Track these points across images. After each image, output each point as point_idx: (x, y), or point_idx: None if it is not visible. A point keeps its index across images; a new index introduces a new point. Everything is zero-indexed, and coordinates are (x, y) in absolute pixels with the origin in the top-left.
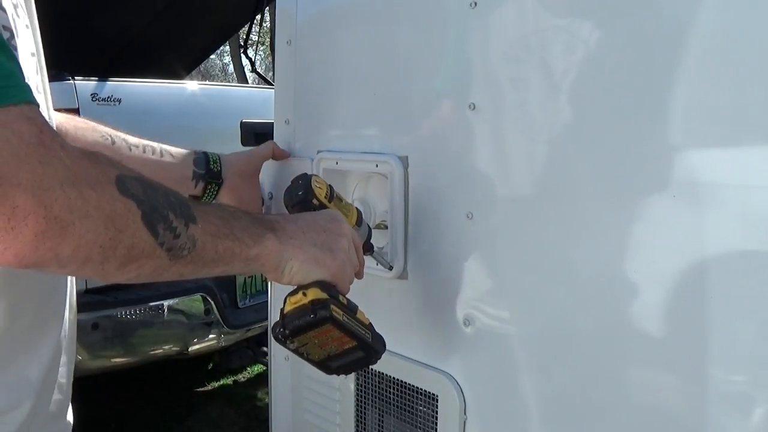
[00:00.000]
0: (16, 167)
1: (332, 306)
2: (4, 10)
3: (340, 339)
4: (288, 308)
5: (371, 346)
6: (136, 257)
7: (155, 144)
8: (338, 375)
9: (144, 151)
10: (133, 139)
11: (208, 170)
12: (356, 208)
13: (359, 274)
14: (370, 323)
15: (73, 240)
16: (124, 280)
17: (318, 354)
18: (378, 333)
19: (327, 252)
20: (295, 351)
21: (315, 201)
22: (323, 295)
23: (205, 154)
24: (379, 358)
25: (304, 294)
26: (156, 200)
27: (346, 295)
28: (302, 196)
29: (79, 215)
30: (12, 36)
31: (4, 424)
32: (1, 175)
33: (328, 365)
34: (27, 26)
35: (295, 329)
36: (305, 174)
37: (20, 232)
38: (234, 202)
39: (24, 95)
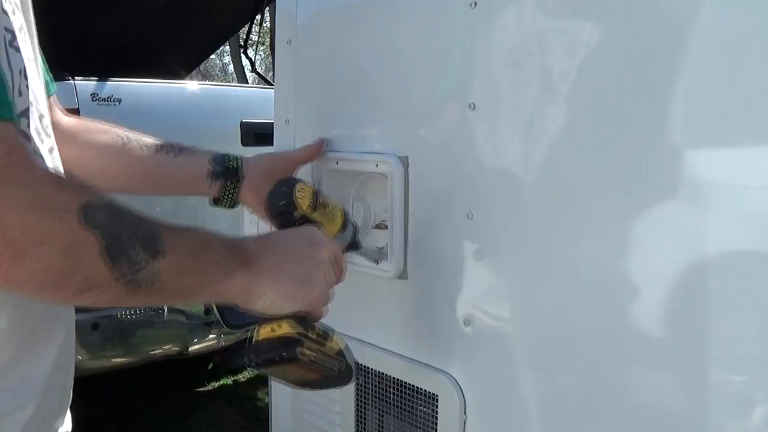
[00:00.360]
0: None
1: (300, 347)
2: (5, 13)
3: (309, 371)
4: (260, 338)
5: (338, 377)
6: (93, 287)
7: (174, 143)
8: (313, 390)
9: (157, 151)
10: (148, 140)
11: (224, 168)
12: (342, 210)
13: (339, 280)
14: (343, 349)
15: (28, 265)
16: (82, 305)
17: (291, 378)
18: (349, 359)
19: (304, 284)
20: (268, 374)
21: (297, 213)
22: (293, 332)
23: (224, 154)
24: (348, 383)
25: (275, 328)
26: (121, 232)
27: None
28: (284, 207)
29: (36, 242)
30: (14, 37)
31: (10, 425)
32: None
33: (301, 386)
34: (21, 27)
35: (265, 361)
36: (290, 179)
37: None
38: (256, 202)
39: (4, 111)
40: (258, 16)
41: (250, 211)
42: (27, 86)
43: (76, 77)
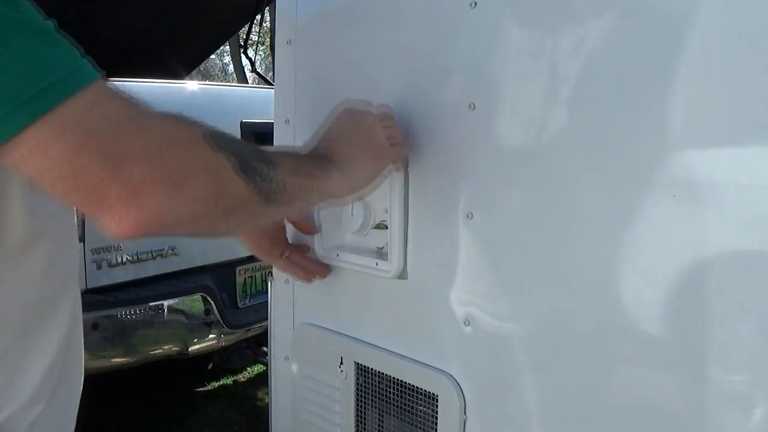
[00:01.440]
0: (122, 140)
1: None
2: None
3: None
4: None
5: None
6: (238, 206)
7: None
8: None
9: None
10: None
11: None
12: None
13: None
14: None
15: (187, 197)
16: (226, 232)
17: None
18: None
19: (376, 150)
20: None
21: None
22: None
23: None
24: None
25: None
26: (242, 150)
27: None
28: None
29: (187, 173)
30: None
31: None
32: (111, 149)
33: None
34: None
35: None
36: None
37: (140, 198)
38: (254, 246)
39: (95, 72)
40: (258, 16)
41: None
42: None
43: None
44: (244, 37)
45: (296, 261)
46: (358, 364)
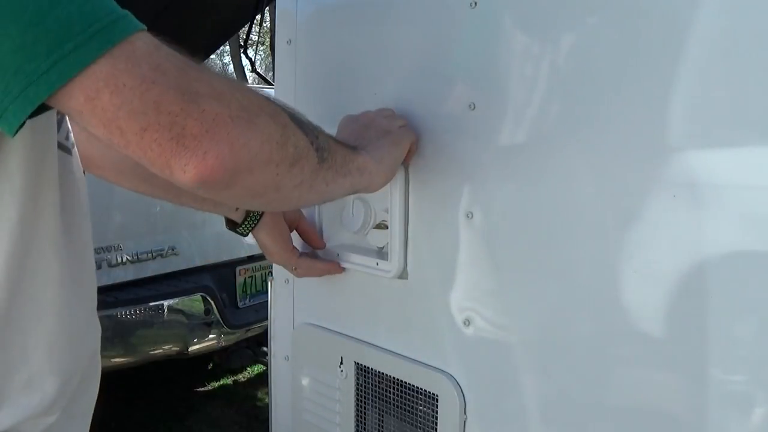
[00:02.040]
0: (190, 78)
1: None
2: None
3: None
4: None
5: None
6: (301, 156)
7: None
8: None
9: None
10: None
11: None
12: None
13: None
14: None
15: (258, 134)
16: (291, 189)
17: None
18: None
19: (395, 140)
20: None
21: None
22: None
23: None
24: None
25: None
26: (288, 110)
27: None
28: None
29: (255, 112)
30: None
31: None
32: (182, 85)
33: None
34: None
35: None
36: None
37: (216, 133)
38: (270, 240)
39: (136, 22)
40: (258, 16)
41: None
42: None
43: None
44: (244, 37)
45: (311, 262)
46: (358, 364)
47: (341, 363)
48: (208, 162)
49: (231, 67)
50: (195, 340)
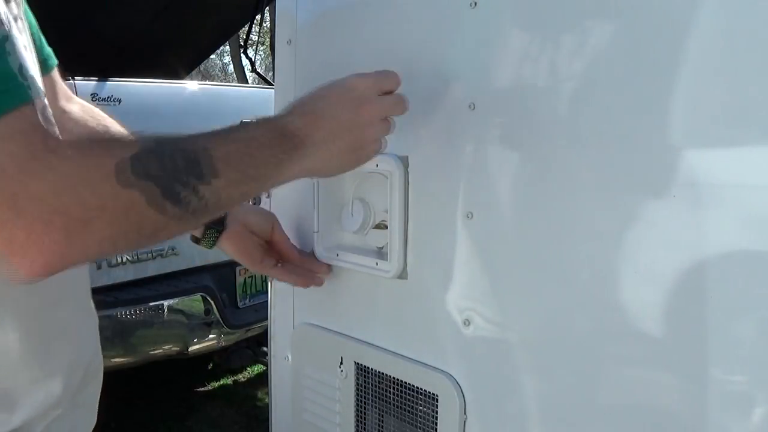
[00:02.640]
0: (23, 181)
1: None
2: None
3: None
4: None
5: None
6: (150, 234)
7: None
8: None
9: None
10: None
11: None
12: None
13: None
14: None
15: (91, 238)
16: (150, 247)
17: None
18: None
19: (357, 151)
20: None
21: None
22: None
23: None
24: None
25: None
26: (166, 172)
27: None
28: None
29: (90, 215)
30: (8, 30)
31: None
32: (12, 190)
33: None
34: (17, 17)
35: None
36: None
37: (43, 242)
38: (234, 251)
39: (17, 98)
40: (258, 16)
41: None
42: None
43: (76, 77)
44: (244, 37)
45: (291, 268)
46: (358, 364)
47: (341, 363)
48: (37, 266)
49: (231, 67)
50: (195, 340)
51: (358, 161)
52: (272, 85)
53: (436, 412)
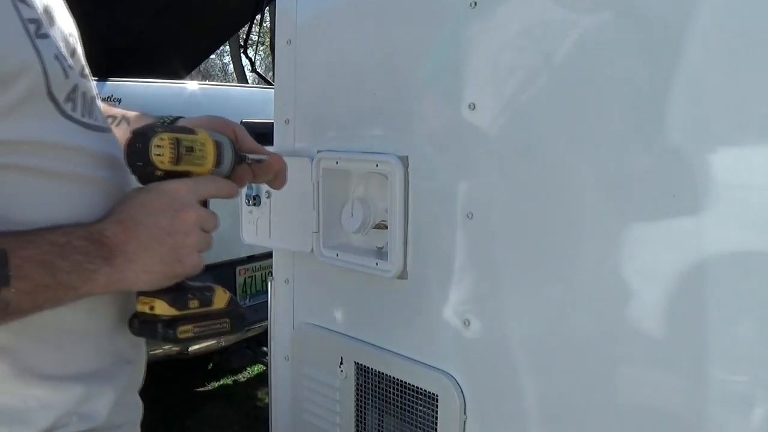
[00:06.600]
0: None
1: (180, 327)
2: (23, 2)
3: (196, 338)
4: (138, 310)
5: (231, 329)
6: None
7: (118, 112)
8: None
9: (112, 123)
10: (113, 111)
11: None
12: (213, 142)
13: (210, 243)
14: (230, 299)
15: None
16: None
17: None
18: (238, 308)
19: (174, 263)
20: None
21: (158, 172)
22: (168, 315)
23: (161, 117)
24: (243, 328)
25: (152, 305)
26: None
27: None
28: (142, 168)
29: None
30: (39, 26)
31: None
32: None
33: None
34: (45, 8)
35: (147, 336)
36: (146, 131)
37: None
38: None
39: None
40: (258, 16)
41: None
42: (70, 66)
43: None
44: (244, 37)
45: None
46: (358, 364)
47: (341, 363)
48: None
49: (231, 67)
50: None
51: (174, 276)
52: (272, 85)
53: (436, 412)
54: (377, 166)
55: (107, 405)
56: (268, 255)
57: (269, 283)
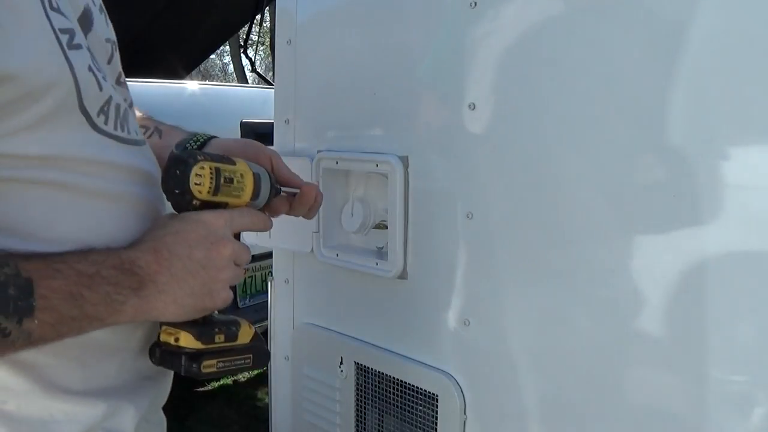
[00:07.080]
0: None
1: (204, 361)
2: (56, 10)
3: (219, 373)
4: (160, 340)
5: (254, 365)
6: None
7: (150, 123)
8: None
9: (144, 134)
10: (145, 121)
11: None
12: (252, 173)
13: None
14: (255, 334)
15: None
16: None
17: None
18: (262, 343)
19: (205, 296)
20: None
21: (195, 201)
22: (194, 348)
23: (193, 135)
24: (266, 364)
25: (177, 337)
26: None
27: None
28: (179, 196)
29: None
30: (72, 36)
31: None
32: None
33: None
34: (101, 10)
35: (168, 368)
36: (185, 157)
37: None
38: None
39: None
40: (258, 16)
41: None
42: (104, 77)
43: None
44: (244, 37)
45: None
46: (358, 364)
47: (341, 363)
48: None
49: (231, 67)
50: None
51: (203, 310)
52: (272, 85)
53: (436, 412)
54: (377, 166)
55: (132, 420)
56: (268, 255)
57: (269, 283)
